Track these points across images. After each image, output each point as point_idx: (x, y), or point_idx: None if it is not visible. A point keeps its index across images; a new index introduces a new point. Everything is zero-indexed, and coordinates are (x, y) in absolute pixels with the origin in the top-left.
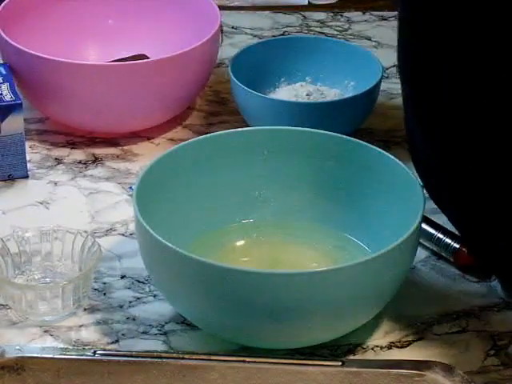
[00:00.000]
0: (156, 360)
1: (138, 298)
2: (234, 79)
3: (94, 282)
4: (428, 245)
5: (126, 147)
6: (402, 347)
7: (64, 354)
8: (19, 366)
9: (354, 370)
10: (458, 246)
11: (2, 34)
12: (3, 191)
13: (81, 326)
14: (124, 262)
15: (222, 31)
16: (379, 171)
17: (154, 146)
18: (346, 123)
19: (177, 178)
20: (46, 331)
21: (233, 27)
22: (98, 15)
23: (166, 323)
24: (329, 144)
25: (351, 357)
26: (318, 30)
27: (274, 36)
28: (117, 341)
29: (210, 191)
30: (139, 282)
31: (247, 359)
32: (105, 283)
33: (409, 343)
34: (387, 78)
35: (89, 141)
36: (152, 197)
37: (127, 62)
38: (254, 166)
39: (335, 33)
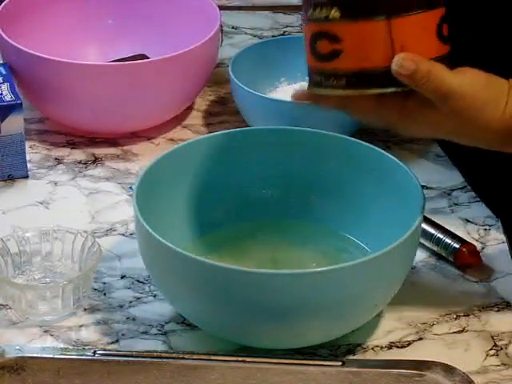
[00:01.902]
0: (156, 360)
1: (138, 298)
2: (234, 79)
3: (94, 281)
4: (428, 245)
5: (125, 147)
6: (402, 347)
7: (64, 354)
8: (19, 366)
9: (354, 369)
10: (457, 246)
11: (2, 34)
12: (3, 191)
13: (81, 326)
14: (124, 262)
15: (222, 31)
16: (379, 171)
17: (153, 145)
18: (346, 123)
19: (177, 178)
20: (46, 331)
21: (233, 27)
22: (98, 15)
23: (166, 323)
24: (329, 144)
25: (351, 357)
26: None
27: (273, 36)
28: (117, 341)
29: (209, 191)
30: (139, 281)
31: (247, 359)
32: (105, 283)
33: (409, 343)
34: None
35: (89, 141)
36: (152, 197)
37: (127, 62)
38: (254, 166)
39: None
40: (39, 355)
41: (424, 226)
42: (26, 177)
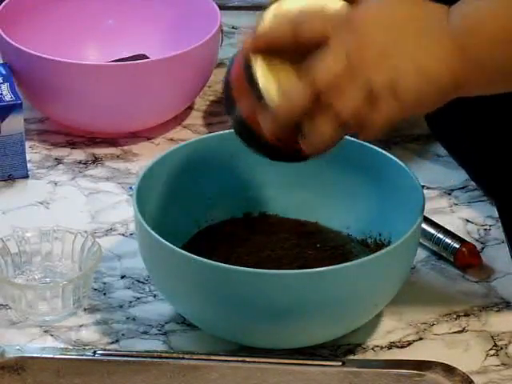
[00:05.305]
0: (156, 360)
1: (138, 298)
2: None
3: (94, 282)
4: (428, 245)
5: (125, 147)
6: (402, 347)
7: (64, 354)
8: (19, 365)
9: (354, 369)
10: (457, 246)
11: (2, 34)
12: (3, 191)
13: (81, 325)
14: (124, 262)
15: (222, 31)
16: (379, 171)
17: (153, 146)
18: None
19: (177, 177)
20: (46, 331)
21: (233, 27)
22: (97, 15)
23: (166, 323)
24: None
25: (351, 357)
26: None
27: None
28: (117, 341)
29: (209, 191)
30: (139, 281)
31: (247, 359)
32: (105, 283)
33: (409, 343)
34: None
35: (89, 141)
36: (152, 197)
37: (127, 62)
38: (254, 166)
39: None
40: (39, 355)
41: (424, 226)
42: (26, 177)
